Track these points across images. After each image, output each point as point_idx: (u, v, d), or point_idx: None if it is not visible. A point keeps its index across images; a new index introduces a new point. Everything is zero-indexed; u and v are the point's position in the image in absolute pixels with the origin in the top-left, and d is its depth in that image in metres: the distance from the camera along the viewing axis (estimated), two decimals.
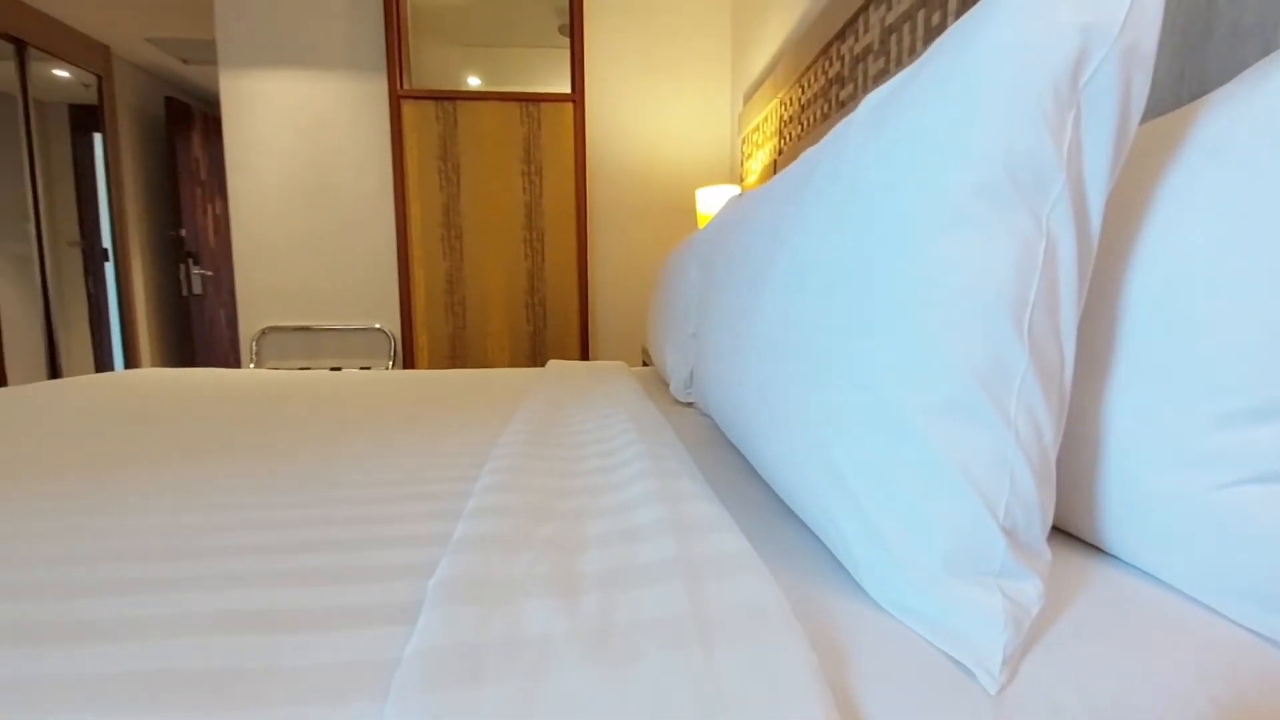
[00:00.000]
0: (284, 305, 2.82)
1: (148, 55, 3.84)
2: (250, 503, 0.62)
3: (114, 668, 0.34)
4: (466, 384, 1.54)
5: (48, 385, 1.50)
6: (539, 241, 2.84)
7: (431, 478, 0.70)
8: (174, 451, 0.83)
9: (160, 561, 0.47)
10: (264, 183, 2.73)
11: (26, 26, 3.14)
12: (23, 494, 0.65)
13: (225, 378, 1.72)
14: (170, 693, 0.33)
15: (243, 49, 2.65)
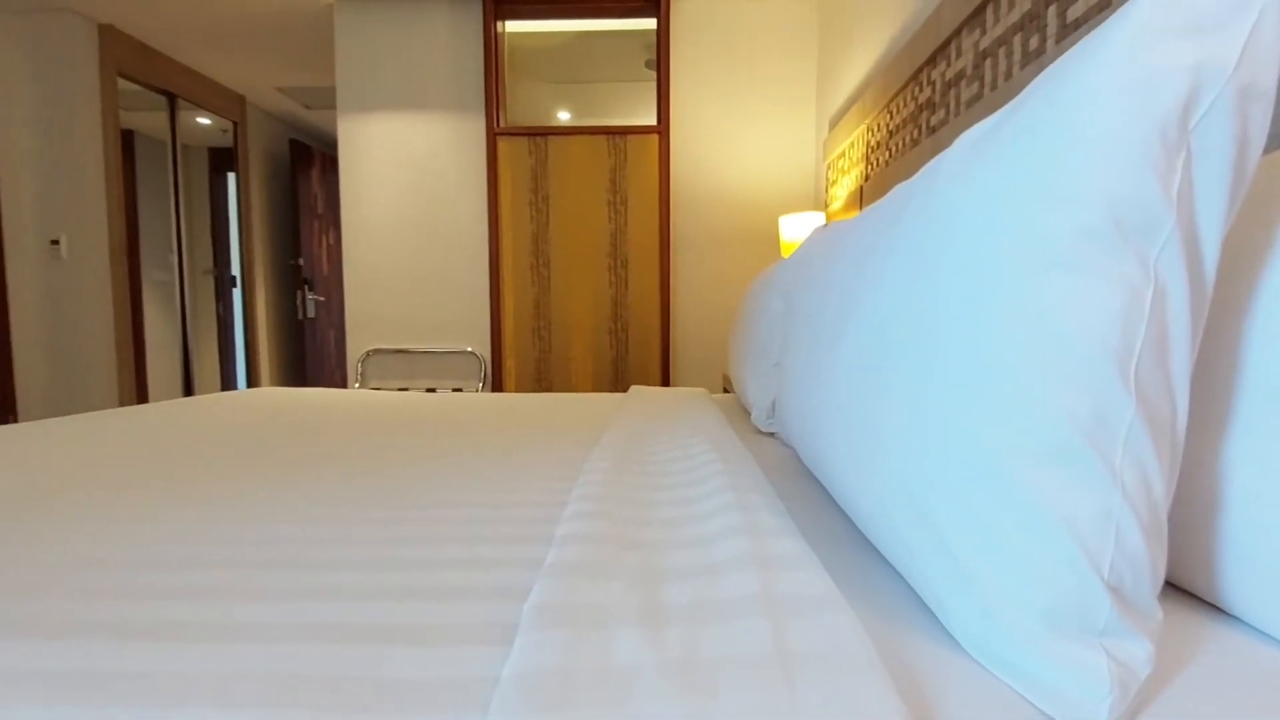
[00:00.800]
0: (386, 329, 3.00)
1: (276, 103, 4.26)
2: (356, 517, 0.67)
3: (241, 667, 0.39)
4: (552, 408, 1.60)
5: (188, 401, 1.67)
6: (623, 269, 2.90)
7: (522, 500, 0.73)
8: (292, 466, 0.91)
9: (279, 570, 0.53)
10: (373, 216, 2.95)
11: (177, 81, 3.56)
12: (160, 502, 0.73)
13: (335, 397, 1.85)
14: (292, 694, 0.36)
15: (358, 95, 2.89)
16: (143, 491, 0.78)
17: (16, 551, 0.58)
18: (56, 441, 1.11)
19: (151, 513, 0.69)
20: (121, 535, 0.62)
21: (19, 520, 0.67)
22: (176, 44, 3.32)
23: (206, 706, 0.35)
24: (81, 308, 3.04)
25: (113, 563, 0.55)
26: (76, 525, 0.65)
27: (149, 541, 0.60)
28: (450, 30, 2.85)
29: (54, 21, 2.92)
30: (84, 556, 0.56)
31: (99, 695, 0.36)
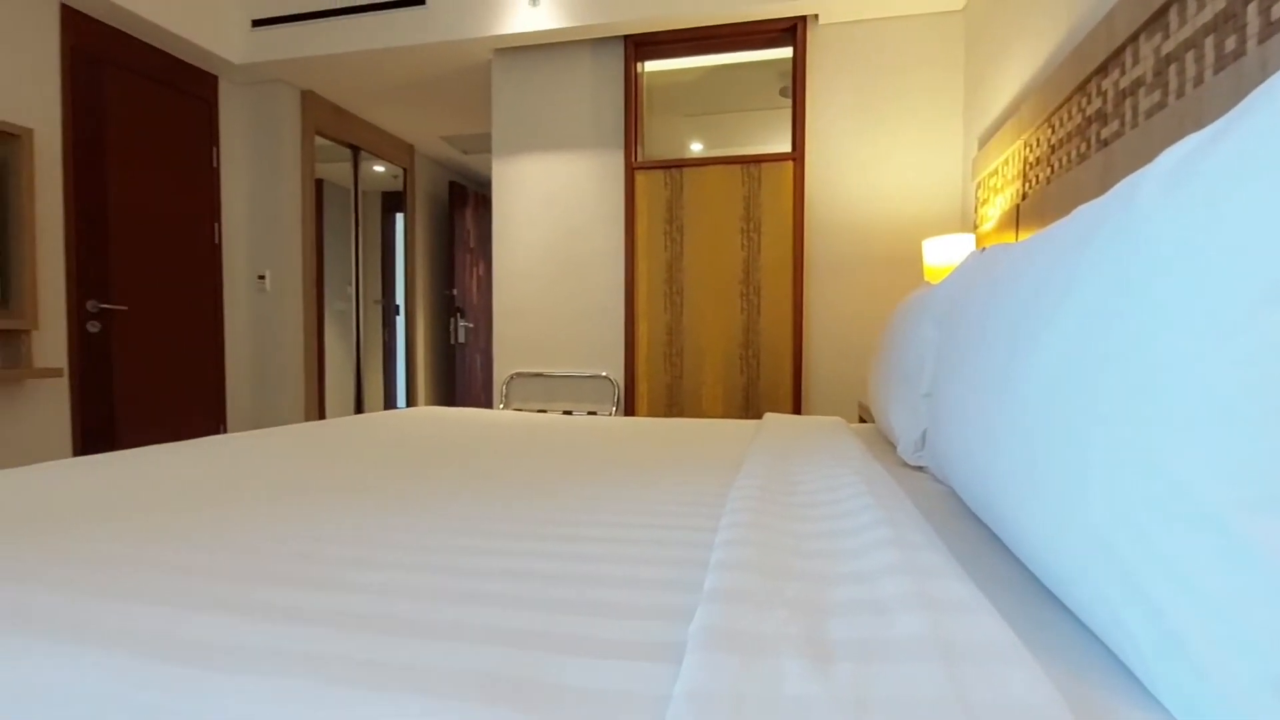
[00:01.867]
0: (529, 354, 3.19)
1: (439, 149, 4.72)
2: (513, 529, 0.72)
3: (428, 661, 0.43)
4: (687, 433, 1.62)
5: (364, 417, 1.88)
6: (755, 295, 2.90)
7: (669, 523, 0.76)
8: (452, 480, 1.00)
9: (450, 575, 0.58)
10: (520, 249, 3.16)
11: (360, 135, 4.05)
12: (340, 505, 0.83)
13: (484, 417, 2.00)
14: (480, 690, 0.40)
15: (511, 139, 3.13)
16: (328, 495, 0.89)
17: (218, 541, 0.68)
18: (261, 448, 1.29)
19: (334, 514, 0.79)
20: (306, 532, 0.71)
21: (225, 514, 0.79)
22: (361, 103, 3.79)
23: (407, 694, 0.40)
24: (279, 333, 3.51)
25: (299, 555, 0.63)
26: (272, 521, 0.75)
27: (331, 538, 0.69)
28: (593, 74, 3.03)
29: (269, 90, 3.45)
30: (271, 548, 0.65)
31: (316, 672, 0.42)
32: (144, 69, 2.93)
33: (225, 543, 0.68)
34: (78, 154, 2.66)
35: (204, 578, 0.57)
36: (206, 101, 3.25)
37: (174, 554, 0.64)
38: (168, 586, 0.55)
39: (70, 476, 1.01)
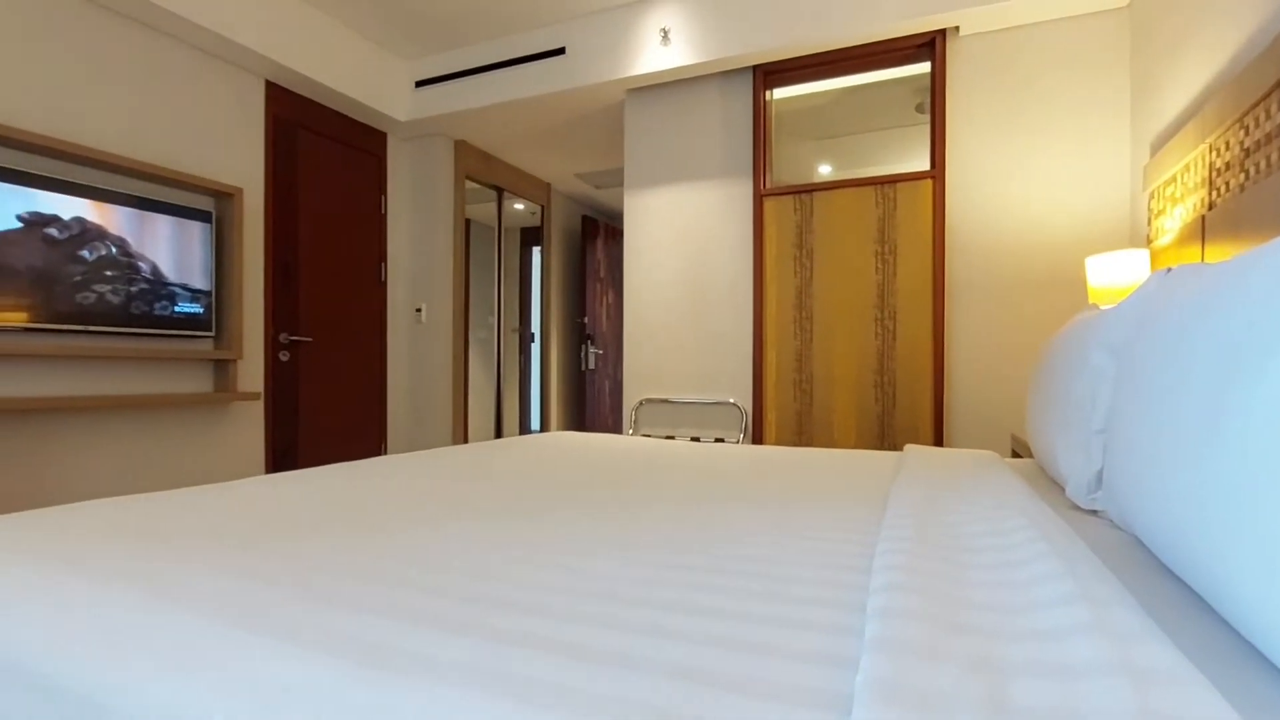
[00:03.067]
0: (657, 380, 3.25)
1: (573, 186, 4.98)
2: (657, 559, 0.74)
3: (586, 686, 0.45)
4: (821, 463, 1.57)
5: (511, 441, 2.00)
6: (891, 320, 2.77)
7: (815, 561, 0.74)
8: (592, 505, 1.04)
9: (600, 601, 0.61)
10: (650, 278, 3.25)
11: (503, 177, 4.37)
12: (494, 526, 0.89)
13: (619, 442, 2.06)
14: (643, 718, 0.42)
15: (642, 172, 3.25)
16: (496, 517, 0.96)
17: (412, 556, 0.75)
18: (432, 469, 1.41)
19: (504, 536, 0.85)
20: (491, 554, 0.77)
21: (388, 532, 0.87)
22: (504, 148, 4.10)
23: (576, 714, 0.42)
24: (431, 361, 3.84)
25: (480, 575, 0.69)
26: (453, 540, 0.82)
27: (508, 560, 0.74)
28: (722, 105, 3.08)
29: (428, 142, 3.83)
30: (459, 565, 0.71)
31: (508, 692, 0.46)
32: (328, 131, 3.36)
33: (416, 560, 0.75)
34: (276, 208, 3.10)
35: (411, 591, 0.64)
36: (377, 156, 3.66)
37: (380, 565, 0.72)
38: (378, 598, 0.63)
39: (283, 490, 1.16)
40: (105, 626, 0.59)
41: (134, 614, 0.60)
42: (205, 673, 0.51)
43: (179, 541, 0.83)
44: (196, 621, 0.58)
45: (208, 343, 2.75)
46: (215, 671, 0.51)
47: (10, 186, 2.09)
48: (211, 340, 2.76)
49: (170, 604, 0.62)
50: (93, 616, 0.62)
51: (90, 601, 0.64)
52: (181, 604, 0.61)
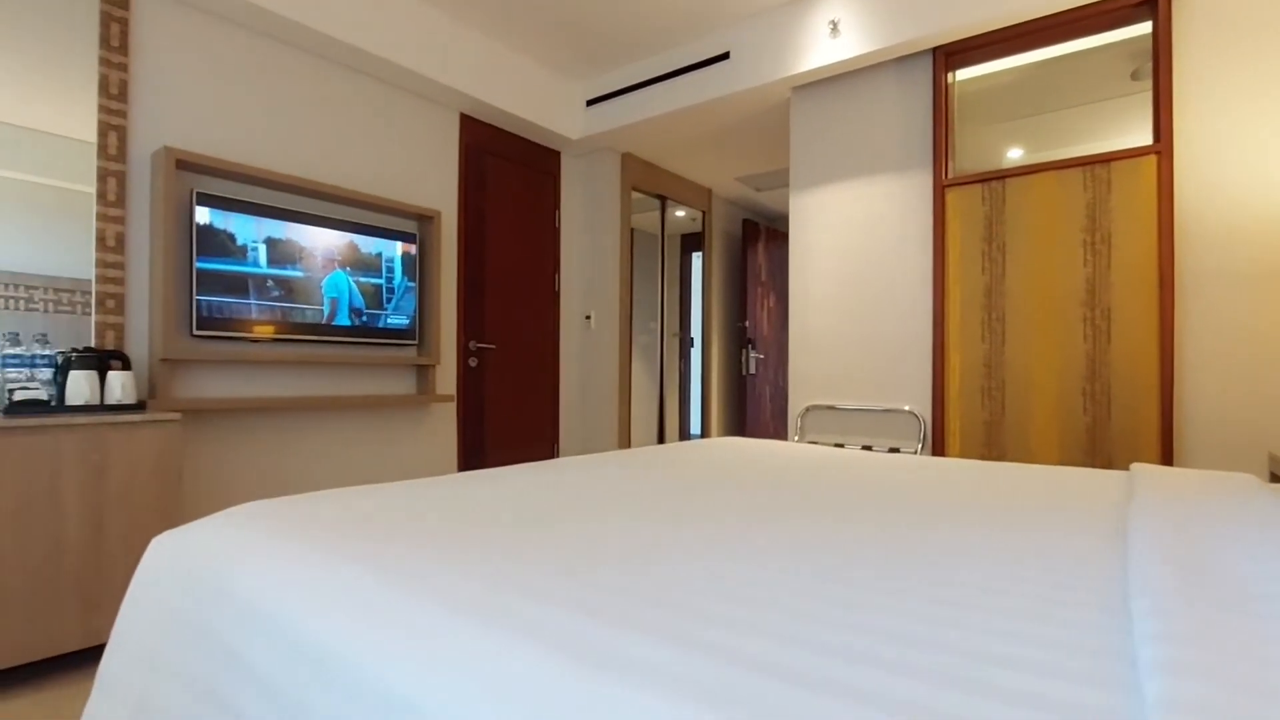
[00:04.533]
0: (825, 386, 3.13)
1: (733, 190, 4.97)
2: (885, 586, 0.70)
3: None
4: (1030, 480, 1.41)
5: (684, 445, 2.04)
6: (1103, 320, 2.44)
7: (1051, 596, 0.67)
8: (789, 515, 1.02)
9: (839, 631, 0.58)
10: (817, 280, 3.14)
11: (666, 185, 4.47)
12: (686, 535, 0.90)
13: (788, 450, 2.01)
14: None
15: (808, 171, 3.16)
16: (681, 523, 0.97)
17: (628, 563, 0.78)
18: (612, 472, 1.47)
19: (690, 542, 0.86)
20: (667, 557, 0.78)
21: (593, 534, 0.90)
22: (668, 156, 4.19)
23: None
24: (599, 367, 4.02)
25: (664, 577, 0.70)
26: (639, 543, 0.84)
27: (690, 570, 0.74)
28: (896, 93, 2.90)
29: (597, 157, 4.03)
30: (640, 569, 0.73)
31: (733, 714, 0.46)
32: (511, 155, 3.65)
33: (625, 564, 0.78)
34: (467, 227, 3.42)
35: (624, 597, 0.67)
36: (552, 174, 3.92)
37: (593, 569, 0.77)
38: (595, 601, 0.66)
39: (492, 487, 1.27)
40: (351, 603, 0.68)
41: (370, 593, 0.69)
42: (438, 654, 0.56)
43: (408, 530, 0.94)
44: (425, 605, 0.65)
45: (412, 350, 3.10)
46: (448, 654, 0.56)
47: (257, 219, 2.50)
48: (415, 348, 3.10)
49: (404, 591, 0.70)
50: (341, 592, 0.71)
51: (336, 578, 0.74)
52: (416, 591, 0.69)
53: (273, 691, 0.67)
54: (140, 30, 2.30)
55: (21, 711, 1.53)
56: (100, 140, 2.16)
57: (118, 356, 1.97)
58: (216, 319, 2.38)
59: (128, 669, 0.92)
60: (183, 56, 2.41)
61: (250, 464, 2.59)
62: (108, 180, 2.17)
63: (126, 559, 1.80)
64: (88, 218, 2.14)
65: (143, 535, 1.83)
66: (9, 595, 1.61)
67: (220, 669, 0.76)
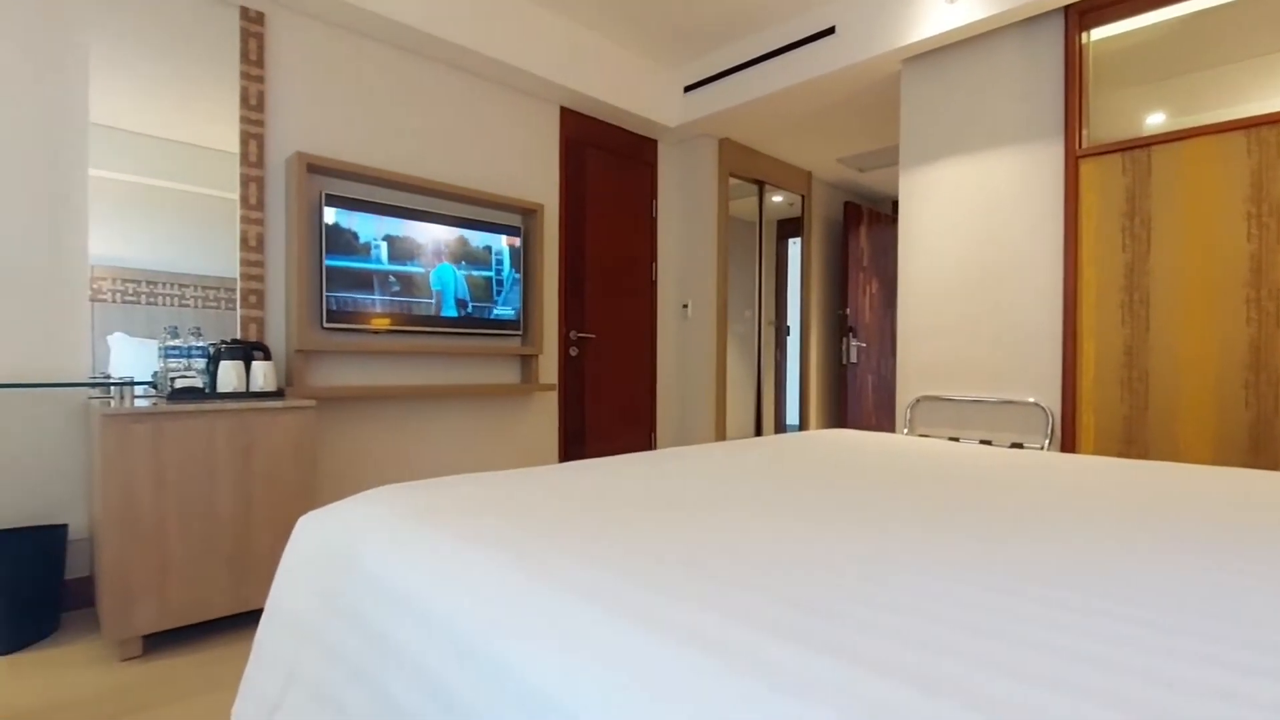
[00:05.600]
0: (937, 375, 2.95)
1: (834, 172, 4.78)
2: (1038, 595, 0.63)
3: None
4: (1193, 483, 1.26)
5: (791, 437, 1.98)
6: (1271, 300, 2.16)
7: (1266, 639, 0.58)
8: (933, 516, 0.95)
9: (991, 641, 0.53)
10: (929, 263, 2.96)
11: (765, 170, 4.35)
12: (842, 539, 0.85)
13: (906, 443, 1.90)
14: None
15: (920, 148, 2.97)
16: (816, 522, 0.93)
17: (775, 560, 0.75)
18: (725, 463, 1.44)
19: (831, 541, 0.81)
20: (809, 557, 0.74)
21: (722, 529, 0.87)
22: (766, 140, 4.08)
23: None
24: (695, 356, 3.98)
25: (809, 579, 0.66)
26: (778, 542, 0.81)
27: (841, 572, 0.70)
28: (1021, 57, 2.68)
29: (694, 144, 3.98)
30: (782, 569, 0.69)
31: None
32: (610, 146, 3.67)
33: (763, 564, 0.76)
34: (568, 219, 3.47)
35: (770, 600, 0.65)
36: (649, 163, 3.91)
37: (730, 566, 0.74)
38: (736, 600, 0.64)
39: (609, 476, 1.28)
40: (494, 593, 0.69)
41: (512, 585, 0.70)
42: (588, 653, 0.56)
43: (542, 520, 0.95)
44: (570, 601, 0.65)
45: (517, 340, 3.19)
46: (590, 649, 0.56)
47: (377, 217, 2.63)
48: (519, 338, 3.19)
49: (543, 582, 0.70)
50: (482, 581, 0.73)
51: (477, 567, 0.75)
52: (553, 583, 0.69)
53: (422, 679, 0.69)
54: (274, 44, 2.48)
55: (181, 669, 1.70)
56: (242, 148, 2.34)
57: (260, 348, 2.14)
58: (343, 312, 2.54)
59: (279, 640, 0.99)
60: (309, 66, 2.57)
61: (373, 447, 2.76)
62: (249, 185, 2.36)
63: (270, 533, 1.96)
64: (227, 221, 2.33)
65: (284, 511, 1.99)
66: (172, 563, 1.79)
67: (367, 648, 0.80)
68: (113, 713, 1.47)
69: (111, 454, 1.69)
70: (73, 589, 2.07)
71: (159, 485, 1.76)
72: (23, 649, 1.80)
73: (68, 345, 2.05)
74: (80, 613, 2.05)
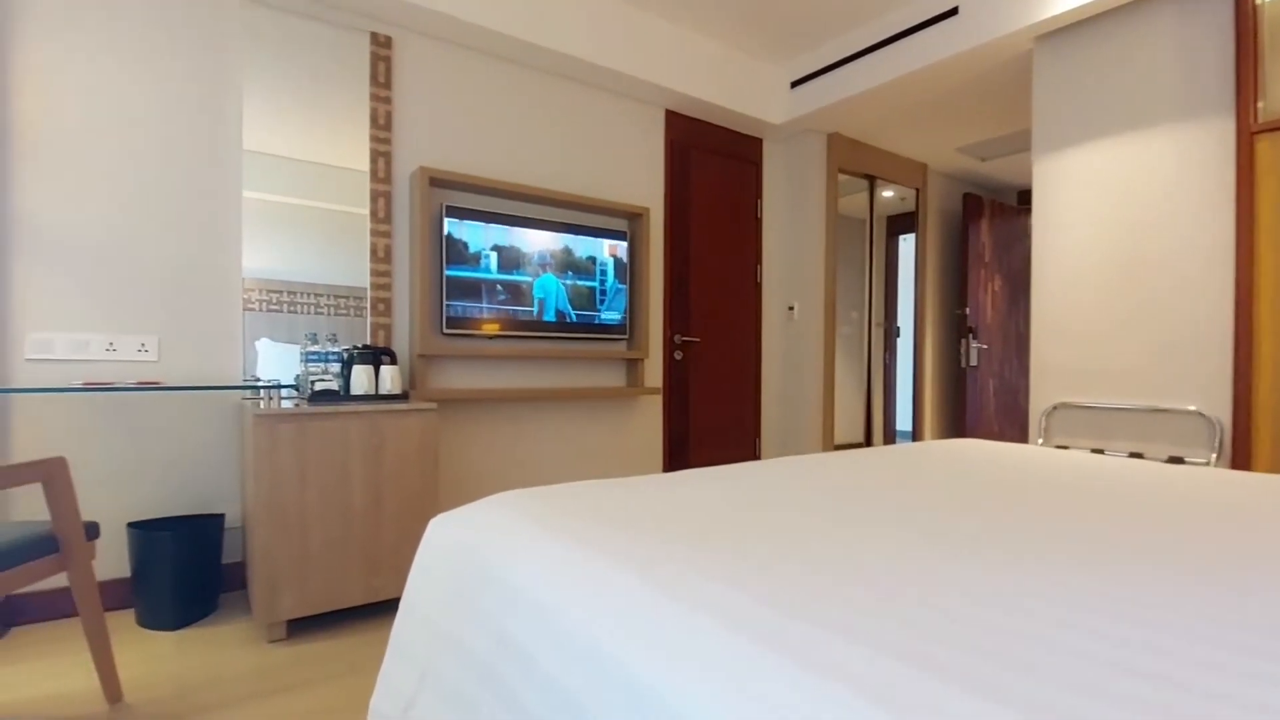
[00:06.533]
0: (1077, 380, 2.69)
1: (953, 162, 4.49)
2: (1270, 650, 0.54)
3: None
4: None
5: (915, 446, 1.85)
6: None
7: None
8: (1100, 544, 0.85)
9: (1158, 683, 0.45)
10: (1068, 256, 2.71)
11: (875, 164, 4.16)
12: (993, 570, 0.77)
13: (1050, 456, 1.73)
14: None
15: (1056, 132, 2.72)
16: (956, 548, 0.85)
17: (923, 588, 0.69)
18: (847, 474, 1.37)
19: (975, 573, 0.73)
20: (950, 586, 0.67)
21: (857, 553, 0.81)
22: (878, 133, 3.89)
23: None
24: (801, 360, 3.86)
25: (958, 617, 0.59)
26: (917, 570, 0.74)
27: (989, 606, 0.62)
28: (1176, 24, 2.39)
29: (800, 140, 3.86)
30: (927, 602, 0.62)
31: None
32: (713, 146, 3.63)
33: (904, 595, 0.70)
34: (672, 222, 3.46)
35: (915, 634, 0.59)
36: (754, 162, 3.83)
37: (873, 594, 0.69)
38: (882, 631, 0.59)
39: (734, 487, 1.24)
40: (623, 608, 0.67)
41: (642, 600, 0.67)
42: (726, 678, 0.52)
43: (669, 531, 0.93)
44: (702, 621, 0.62)
45: (623, 344, 3.21)
46: (736, 680, 0.52)
47: (485, 225, 2.72)
48: (625, 342, 3.21)
49: (687, 605, 0.67)
50: (614, 594, 0.71)
51: (606, 580, 0.74)
52: (699, 607, 0.66)
53: (553, 689, 0.68)
54: (399, 66, 2.63)
55: (321, 654, 1.82)
56: (371, 165, 2.50)
57: (387, 353, 2.27)
58: (460, 319, 2.65)
59: (415, 637, 1.03)
60: (429, 83, 2.71)
61: (487, 447, 2.86)
62: (378, 200, 2.51)
63: (396, 528, 2.07)
64: (355, 234, 2.49)
65: (409, 508, 2.09)
66: (312, 555, 1.92)
67: (498, 652, 0.81)
68: (265, 690, 1.59)
69: (262, 451, 1.83)
70: (227, 573, 2.27)
71: (301, 481, 1.90)
72: (188, 625, 1.99)
73: (225, 351, 2.27)
74: (233, 595, 2.26)
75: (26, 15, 1.99)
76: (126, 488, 2.13)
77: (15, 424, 1.98)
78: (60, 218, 2.04)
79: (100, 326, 2.09)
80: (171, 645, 1.86)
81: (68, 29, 2.05)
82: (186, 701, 1.54)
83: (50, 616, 2.01)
